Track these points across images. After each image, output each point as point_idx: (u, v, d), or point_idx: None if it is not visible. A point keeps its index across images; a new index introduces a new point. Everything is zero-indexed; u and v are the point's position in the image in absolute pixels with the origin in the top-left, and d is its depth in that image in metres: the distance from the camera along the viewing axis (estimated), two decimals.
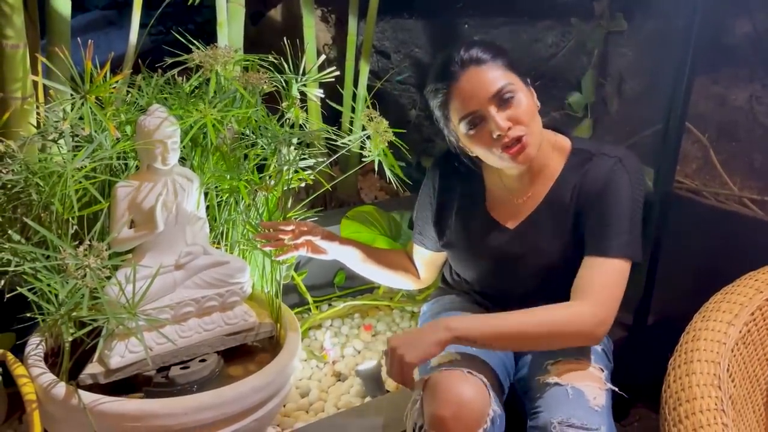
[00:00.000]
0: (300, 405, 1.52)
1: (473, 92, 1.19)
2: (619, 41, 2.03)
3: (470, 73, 1.19)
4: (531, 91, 1.24)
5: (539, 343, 1.17)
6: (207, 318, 1.27)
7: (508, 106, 1.18)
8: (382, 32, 2.55)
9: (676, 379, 1.13)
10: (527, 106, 1.19)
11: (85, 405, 1.07)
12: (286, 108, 1.47)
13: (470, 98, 1.19)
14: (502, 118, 1.17)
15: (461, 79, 1.20)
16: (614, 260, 1.18)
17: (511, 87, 1.18)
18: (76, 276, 0.90)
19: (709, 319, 1.19)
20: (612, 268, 1.18)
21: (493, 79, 1.18)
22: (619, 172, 1.21)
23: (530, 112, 1.20)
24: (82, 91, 0.98)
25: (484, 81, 1.18)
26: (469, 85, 1.19)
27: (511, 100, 1.18)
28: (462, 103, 1.20)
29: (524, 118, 1.18)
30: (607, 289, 1.17)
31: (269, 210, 1.41)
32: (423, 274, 1.51)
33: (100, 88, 0.99)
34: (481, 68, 1.19)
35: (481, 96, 1.18)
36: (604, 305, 1.15)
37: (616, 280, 1.18)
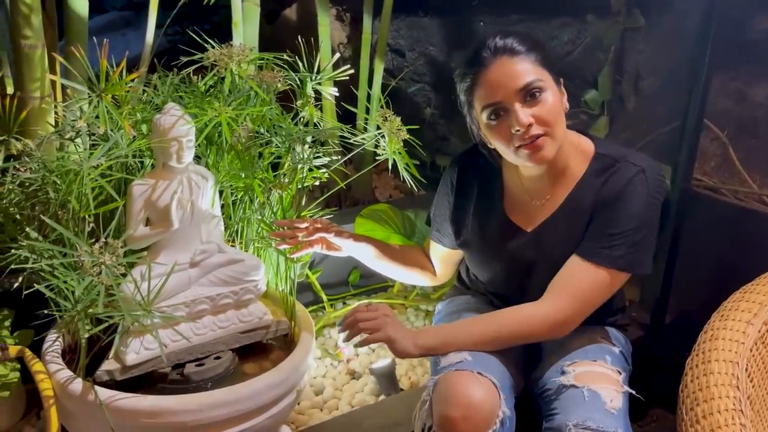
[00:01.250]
0: (314, 403, 1.53)
1: (501, 82, 1.16)
2: (636, 38, 2.01)
3: (501, 62, 1.16)
4: (562, 91, 1.21)
5: (504, 344, 1.21)
6: (222, 315, 1.27)
7: (534, 102, 1.16)
8: (397, 30, 2.55)
9: (694, 378, 1.11)
10: (553, 106, 1.17)
11: (102, 401, 1.08)
12: (301, 106, 1.47)
13: (497, 88, 1.16)
14: (524, 114, 1.15)
15: (491, 67, 1.17)
16: (598, 268, 1.18)
17: (541, 84, 1.16)
18: (92, 273, 0.91)
19: (728, 318, 1.17)
20: (593, 276, 1.18)
21: (524, 72, 1.15)
22: (639, 184, 1.19)
23: (556, 113, 1.17)
24: (98, 90, 0.99)
25: (513, 72, 1.15)
26: (497, 75, 1.16)
27: (537, 97, 1.16)
28: (488, 92, 1.18)
29: (548, 118, 1.16)
30: (578, 295, 1.19)
31: (283, 208, 1.41)
32: (440, 271, 1.50)
33: (115, 87, 0.99)
34: (513, 59, 1.16)
35: (508, 87, 1.15)
36: (568, 309, 1.18)
37: (593, 287, 1.19)
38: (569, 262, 1.21)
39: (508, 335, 1.20)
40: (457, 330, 1.23)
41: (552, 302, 1.19)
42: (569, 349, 1.25)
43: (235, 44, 1.37)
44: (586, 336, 1.28)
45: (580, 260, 1.20)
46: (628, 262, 1.18)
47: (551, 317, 1.18)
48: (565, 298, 1.19)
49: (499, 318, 1.22)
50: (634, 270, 1.20)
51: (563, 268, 1.21)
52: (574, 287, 1.19)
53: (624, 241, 1.17)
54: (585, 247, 1.20)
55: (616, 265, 1.18)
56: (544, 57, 1.18)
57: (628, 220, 1.18)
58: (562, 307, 1.18)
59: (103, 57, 0.98)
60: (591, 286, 1.19)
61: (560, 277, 1.21)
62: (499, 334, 1.20)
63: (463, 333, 1.21)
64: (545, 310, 1.19)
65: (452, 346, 1.20)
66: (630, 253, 1.18)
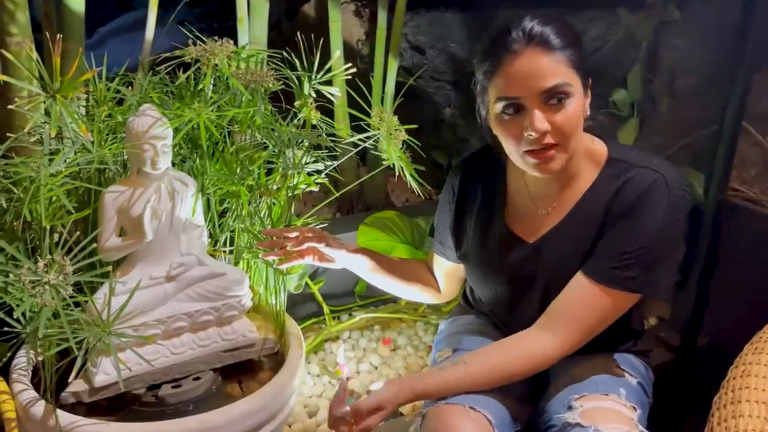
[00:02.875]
0: (307, 426, 1.43)
1: (525, 77, 1.00)
2: (670, 33, 1.85)
3: (532, 53, 1.00)
4: (587, 96, 1.07)
5: (496, 384, 1.09)
6: (202, 333, 1.18)
7: (556, 108, 1.01)
8: (417, 26, 2.43)
9: (721, 421, 0.98)
10: (574, 114, 1.02)
11: (62, 427, 1.00)
12: (299, 107, 1.38)
13: (520, 82, 1.01)
14: (542, 120, 1.01)
15: (520, 56, 1.00)
16: (606, 291, 1.05)
17: (568, 89, 1.01)
18: (33, 293, 0.83)
19: (763, 352, 1.03)
20: (601, 300, 1.05)
21: (554, 72, 1.00)
22: (658, 194, 1.04)
23: (575, 123, 1.03)
24: (51, 90, 0.90)
25: (543, 70, 1.00)
26: (524, 67, 1.00)
27: (561, 103, 1.01)
28: (508, 83, 1.02)
29: (565, 129, 1.02)
30: (584, 322, 1.06)
31: (272, 217, 1.31)
32: (444, 287, 1.39)
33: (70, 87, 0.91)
34: (546, 53, 1.00)
35: (531, 85, 1.00)
36: (574, 339, 1.07)
37: (601, 313, 1.06)
38: (574, 282, 1.08)
39: (509, 376, 1.08)
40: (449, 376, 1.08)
41: (556, 333, 1.07)
42: (578, 378, 1.13)
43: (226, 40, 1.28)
44: (597, 363, 1.15)
45: (586, 280, 1.06)
46: (641, 284, 1.05)
47: (557, 351, 1.06)
48: (569, 325, 1.06)
49: (498, 358, 1.08)
50: (648, 294, 1.07)
51: (567, 289, 1.09)
52: (579, 312, 1.06)
53: (638, 261, 1.04)
54: (593, 265, 1.07)
55: (627, 287, 1.05)
56: (579, 56, 1.03)
57: (643, 236, 1.04)
58: (567, 336, 1.06)
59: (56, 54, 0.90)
60: (597, 311, 1.06)
61: (563, 300, 1.08)
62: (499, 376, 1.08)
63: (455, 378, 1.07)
64: (549, 343, 1.06)
65: (450, 389, 1.07)
66: (644, 275, 1.04)
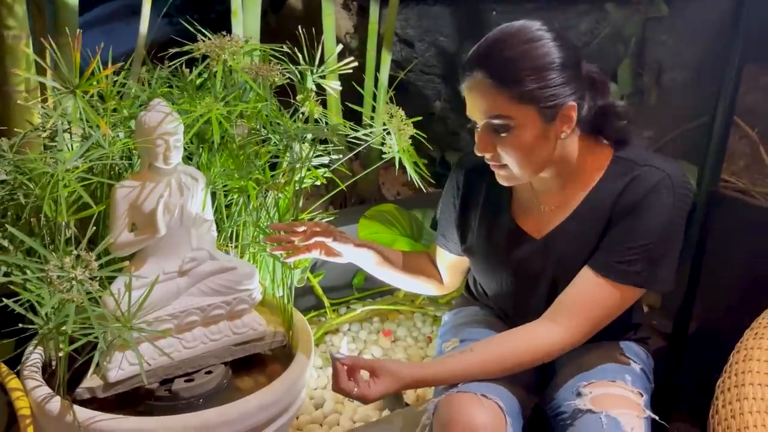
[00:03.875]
0: (314, 417, 1.44)
1: (472, 102, 1.09)
2: (659, 28, 1.89)
3: (474, 83, 1.06)
4: (564, 116, 1.06)
5: (511, 373, 1.11)
6: (213, 327, 1.19)
7: (500, 138, 1.07)
8: (406, 20, 2.44)
9: (726, 404, 1.02)
10: (520, 144, 1.06)
11: (80, 423, 1.00)
12: (301, 101, 1.38)
13: (469, 105, 1.10)
14: (483, 143, 1.09)
15: (467, 82, 1.08)
16: (612, 285, 1.08)
17: (507, 123, 1.05)
18: (61, 289, 0.82)
19: (763, 337, 1.07)
20: (606, 293, 1.08)
21: (490, 106, 1.05)
22: (664, 192, 1.07)
23: (525, 149, 1.07)
24: (71, 86, 0.90)
25: (481, 102, 1.06)
26: (471, 93, 1.08)
27: (503, 132, 1.06)
28: (466, 102, 1.10)
29: (508, 157, 1.08)
30: (590, 314, 1.09)
31: (280, 211, 1.32)
32: (446, 279, 1.41)
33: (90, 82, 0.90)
34: (489, 85, 1.04)
35: (476, 111, 1.08)
36: (582, 330, 1.09)
37: (607, 305, 1.09)
38: (581, 276, 1.11)
39: (516, 365, 1.10)
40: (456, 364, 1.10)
41: (563, 325, 1.09)
42: (585, 367, 1.16)
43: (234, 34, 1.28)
44: (602, 352, 1.18)
45: (593, 275, 1.09)
46: (645, 278, 1.08)
47: (564, 342, 1.09)
48: (576, 317, 1.09)
49: (505, 347, 1.11)
50: (652, 287, 1.10)
51: (574, 283, 1.11)
52: (586, 305, 1.09)
53: (643, 256, 1.07)
54: (599, 259, 1.10)
55: (633, 282, 1.08)
56: (525, 91, 1.03)
57: (649, 232, 1.07)
58: (575, 328, 1.09)
59: (76, 49, 0.89)
60: (604, 304, 1.09)
61: (571, 292, 1.11)
62: (507, 365, 1.10)
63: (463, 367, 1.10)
64: (557, 335, 1.09)
65: (456, 376, 1.09)
66: (649, 269, 1.07)
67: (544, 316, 1.12)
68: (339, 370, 1.06)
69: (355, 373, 1.06)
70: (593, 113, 1.13)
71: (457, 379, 1.09)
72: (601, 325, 1.10)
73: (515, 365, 1.10)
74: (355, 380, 1.05)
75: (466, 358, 1.10)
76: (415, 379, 1.08)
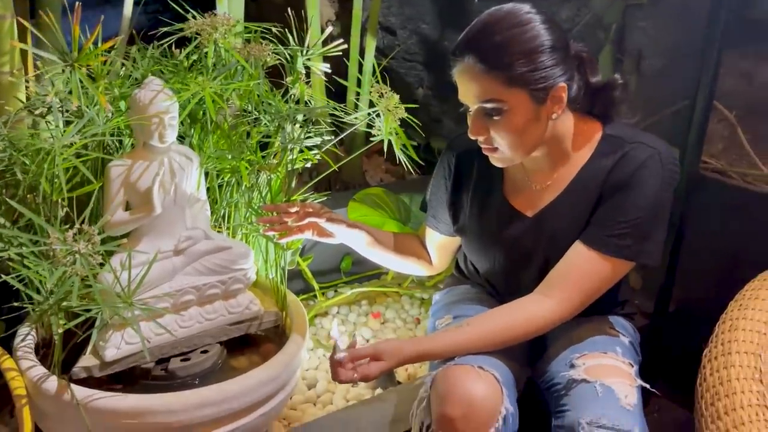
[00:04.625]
0: (307, 397, 1.45)
1: (463, 88, 1.11)
2: (638, 15, 1.93)
3: (465, 68, 1.08)
4: (554, 97, 1.09)
5: (507, 345, 1.13)
6: (209, 306, 1.19)
7: (491, 121, 1.09)
8: (388, 8, 2.44)
9: (713, 372, 1.05)
10: (512, 128, 1.08)
11: (78, 401, 0.99)
12: (291, 83, 1.38)
13: (461, 90, 1.12)
14: (475, 128, 1.11)
15: (460, 64, 1.09)
16: (603, 257, 1.11)
17: (499, 106, 1.07)
18: (65, 263, 0.82)
19: (747, 308, 1.11)
20: (598, 265, 1.11)
21: (481, 90, 1.07)
22: (653, 167, 1.10)
23: (513, 135, 1.09)
24: (70, 60, 0.89)
25: (472, 86, 1.08)
26: (462, 78, 1.10)
27: (493, 117, 1.08)
28: (458, 87, 1.12)
29: (499, 140, 1.10)
30: (582, 286, 1.12)
31: (272, 192, 1.32)
32: (435, 259, 1.42)
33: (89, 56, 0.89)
34: (479, 70, 1.06)
35: (467, 97, 1.11)
36: (573, 302, 1.12)
37: (598, 277, 1.12)
38: (572, 250, 1.14)
39: (511, 338, 1.12)
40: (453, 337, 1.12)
41: (555, 298, 1.12)
42: (577, 340, 1.19)
43: (225, 13, 1.28)
44: (593, 326, 1.22)
45: (584, 248, 1.12)
46: (635, 252, 1.11)
47: (557, 315, 1.11)
48: (569, 290, 1.11)
49: (501, 320, 1.13)
50: (642, 260, 1.13)
51: (565, 257, 1.14)
52: (578, 278, 1.12)
53: (633, 230, 1.10)
54: (590, 233, 1.13)
55: (623, 255, 1.11)
56: (515, 75, 1.05)
57: (639, 206, 1.10)
58: (567, 301, 1.11)
59: (75, 22, 0.88)
60: (595, 277, 1.12)
61: (563, 266, 1.13)
62: (502, 338, 1.12)
63: (459, 340, 1.12)
64: (549, 308, 1.11)
65: (455, 350, 1.11)
66: (639, 243, 1.10)
67: (537, 290, 1.15)
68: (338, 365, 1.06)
69: (355, 363, 1.07)
70: (582, 92, 1.16)
71: (453, 353, 1.11)
72: (593, 298, 1.13)
73: (510, 339, 1.12)
74: (355, 368, 1.06)
75: (461, 332, 1.12)
76: (413, 353, 1.09)
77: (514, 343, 1.13)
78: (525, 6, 1.09)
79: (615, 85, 1.16)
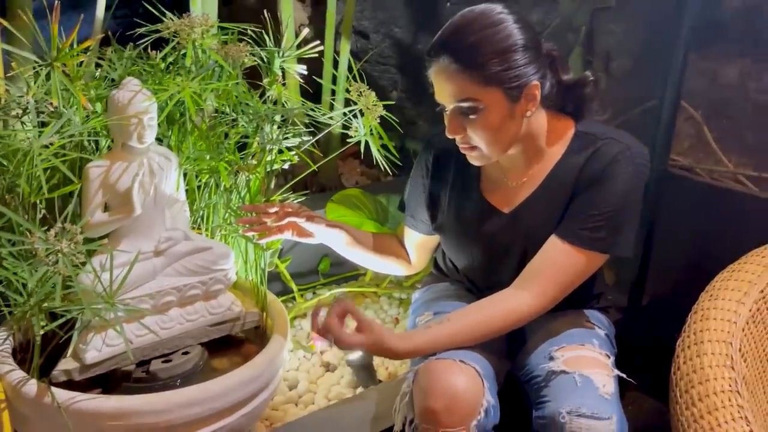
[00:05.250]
0: (288, 397, 1.45)
1: (439, 87, 1.13)
2: (606, 18, 1.98)
3: (440, 69, 1.11)
4: (529, 95, 1.11)
5: (480, 340, 1.15)
6: (189, 308, 1.18)
7: (468, 120, 1.12)
8: (361, 11, 2.47)
9: (687, 360, 1.08)
10: (488, 125, 1.11)
11: (60, 403, 0.98)
12: (268, 84, 1.39)
13: (437, 90, 1.14)
14: (454, 126, 1.13)
15: (433, 68, 1.13)
16: (577, 250, 1.13)
17: (475, 105, 1.09)
18: (47, 262, 0.81)
19: (717, 298, 1.15)
20: (572, 258, 1.14)
21: (458, 90, 1.10)
22: (624, 162, 1.13)
23: (493, 129, 1.11)
24: (49, 58, 0.88)
25: (447, 86, 1.11)
26: (438, 78, 1.12)
27: (471, 114, 1.11)
28: (434, 87, 1.15)
29: (477, 138, 1.13)
30: (557, 279, 1.14)
31: (251, 193, 1.32)
32: (414, 258, 1.44)
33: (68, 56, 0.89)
34: (454, 70, 1.09)
35: (444, 96, 1.13)
36: (548, 295, 1.14)
37: (573, 270, 1.14)
38: (547, 244, 1.16)
39: (491, 331, 1.14)
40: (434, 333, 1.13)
41: (532, 291, 1.14)
42: (554, 333, 1.21)
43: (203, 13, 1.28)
44: (570, 320, 1.24)
45: (559, 241, 1.15)
46: (609, 244, 1.14)
47: (533, 308, 1.14)
48: (544, 284, 1.14)
49: (479, 315, 1.14)
50: (615, 252, 1.16)
51: (541, 251, 1.17)
52: (553, 271, 1.14)
53: (606, 222, 1.13)
54: (565, 227, 1.16)
55: (597, 247, 1.14)
56: (490, 73, 1.08)
57: (611, 200, 1.13)
58: (543, 294, 1.14)
59: (54, 21, 0.88)
60: (570, 270, 1.14)
61: (538, 260, 1.16)
62: (481, 332, 1.14)
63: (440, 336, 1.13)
64: (526, 301, 1.14)
65: (436, 346, 1.12)
66: (611, 235, 1.13)
67: (514, 284, 1.17)
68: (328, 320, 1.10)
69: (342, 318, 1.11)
70: (555, 90, 1.19)
71: (434, 349, 1.12)
72: (568, 290, 1.15)
73: (489, 332, 1.14)
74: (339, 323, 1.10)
75: (441, 328, 1.14)
76: (394, 347, 1.10)
77: (494, 336, 1.15)
78: (497, 6, 1.12)
79: (586, 83, 1.19)
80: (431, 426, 1.05)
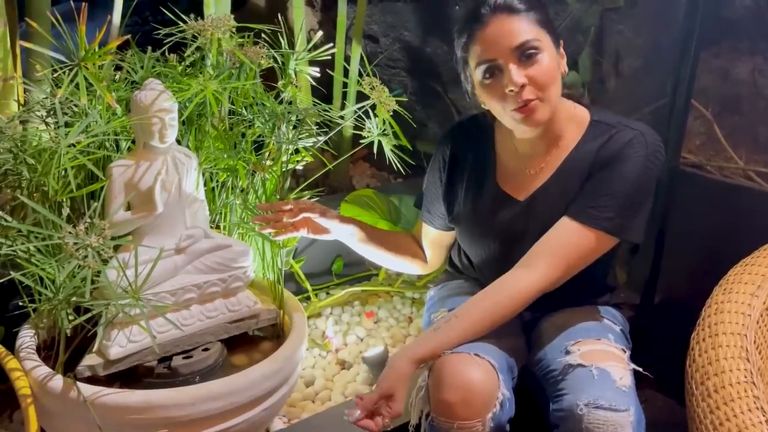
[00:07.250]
0: (306, 394, 1.46)
1: (497, 40, 1.13)
2: (615, 18, 1.99)
3: (499, 19, 1.13)
4: (561, 54, 1.19)
5: (493, 326, 1.15)
6: (209, 305, 1.21)
7: (530, 63, 1.13)
8: (370, 16, 2.49)
9: (702, 353, 1.10)
10: (549, 68, 1.14)
11: (86, 398, 1.00)
12: (283, 86, 1.41)
13: (492, 45, 1.13)
14: (518, 74, 1.12)
15: (489, 24, 1.13)
16: (584, 228, 1.14)
17: (538, 44, 1.13)
18: (77, 256, 0.83)
19: (731, 291, 1.16)
20: (578, 237, 1.15)
21: (521, 30, 1.12)
22: (638, 146, 1.16)
23: (551, 76, 1.14)
24: (76, 59, 0.91)
25: (510, 30, 1.12)
26: (494, 32, 1.13)
27: (533, 57, 1.12)
28: (483, 49, 1.14)
29: (542, 80, 1.13)
30: (564, 257, 1.15)
31: (266, 192, 1.35)
32: (430, 256, 1.45)
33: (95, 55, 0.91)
34: (511, 17, 1.13)
35: (503, 45, 1.12)
36: (557, 272, 1.14)
37: (578, 248, 1.15)
38: (557, 224, 1.18)
39: (501, 315, 1.14)
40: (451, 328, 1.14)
41: (536, 268, 1.14)
42: (569, 328, 1.22)
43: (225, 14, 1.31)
44: (584, 315, 1.25)
45: (568, 220, 1.16)
46: (616, 225, 1.15)
47: (539, 284, 1.14)
48: (551, 261, 1.14)
49: (487, 302, 1.15)
50: (622, 235, 1.16)
51: (551, 230, 1.18)
52: (559, 248, 1.15)
53: (615, 204, 1.14)
54: (575, 206, 1.17)
55: (606, 227, 1.15)
56: (545, 17, 1.15)
57: (622, 181, 1.15)
58: (547, 270, 1.14)
59: (82, 23, 0.90)
60: (577, 248, 1.15)
61: (545, 238, 1.17)
62: (492, 317, 1.14)
63: (451, 334, 1.13)
64: (531, 278, 1.14)
65: (449, 346, 1.12)
66: (621, 217, 1.14)
67: (520, 263, 1.17)
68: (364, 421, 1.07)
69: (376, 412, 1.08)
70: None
71: (449, 347, 1.12)
72: (574, 271, 1.16)
73: (501, 317, 1.14)
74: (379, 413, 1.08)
75: (453, 325, 1.14)
76: (412, 361, 1.11)
77: (505, 320, 1.15)
78: None
79: None
80: (447, 419, 1.06)
